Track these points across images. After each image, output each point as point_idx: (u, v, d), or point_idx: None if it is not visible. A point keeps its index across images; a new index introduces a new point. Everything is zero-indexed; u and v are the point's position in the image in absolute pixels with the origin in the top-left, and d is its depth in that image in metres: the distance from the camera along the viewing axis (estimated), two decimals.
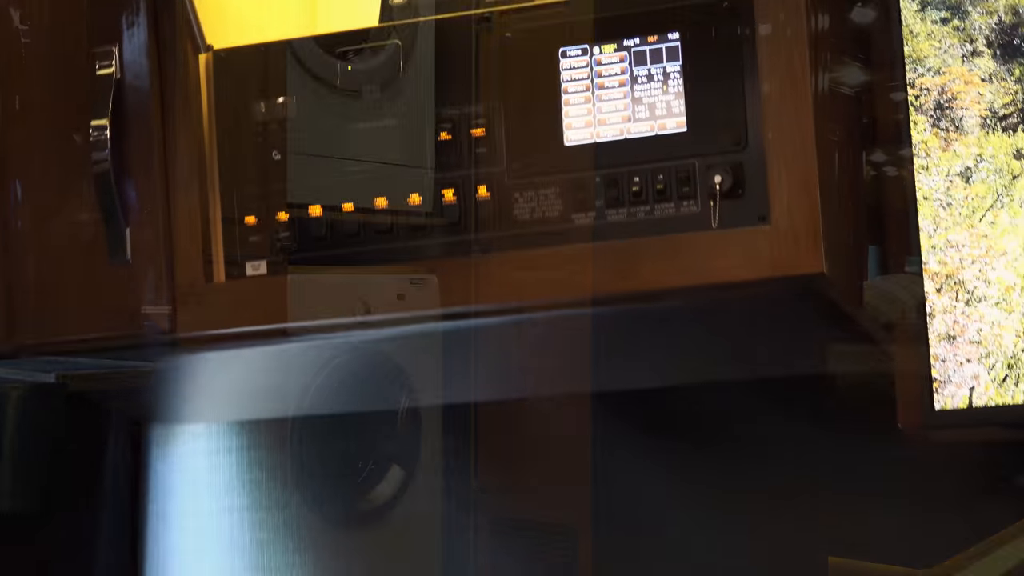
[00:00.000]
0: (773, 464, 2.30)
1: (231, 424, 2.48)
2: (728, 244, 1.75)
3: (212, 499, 2.49)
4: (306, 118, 1.91)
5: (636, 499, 2.34)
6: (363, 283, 1.93)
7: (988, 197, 1.87)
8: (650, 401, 2.32)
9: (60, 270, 1.96)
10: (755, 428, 2.31)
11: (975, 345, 1.90)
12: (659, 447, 2.35)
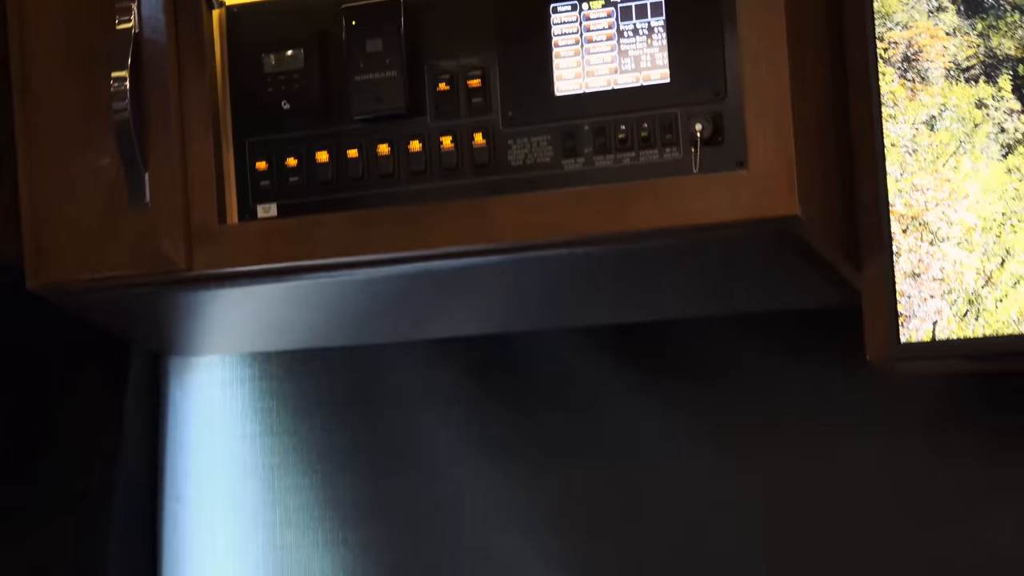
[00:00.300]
0: (755, 395, 2.29)
1: (244, 356, 2.49)
2: (708, 188, 1.74)
3: (226, 426, 2.50)
4: (314, 70, 1.90)
5: (628, 429, 2.34)
6: None
7: (951, 144, 1.87)
8: (638, 336, 2.32)
9: (84, 213, 1.95)
10: (737, 362, 2.30)
11: (938, 282, 1.89)
12: (647, 381, 2.35)
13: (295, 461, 2.48)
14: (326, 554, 2.46)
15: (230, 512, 2.52)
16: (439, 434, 2.42)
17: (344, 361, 2.46)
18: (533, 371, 2.39)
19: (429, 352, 2.42)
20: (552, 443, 2.37)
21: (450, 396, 2.42)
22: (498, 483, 2.39)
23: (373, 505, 2.45)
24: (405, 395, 2.44)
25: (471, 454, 2.40)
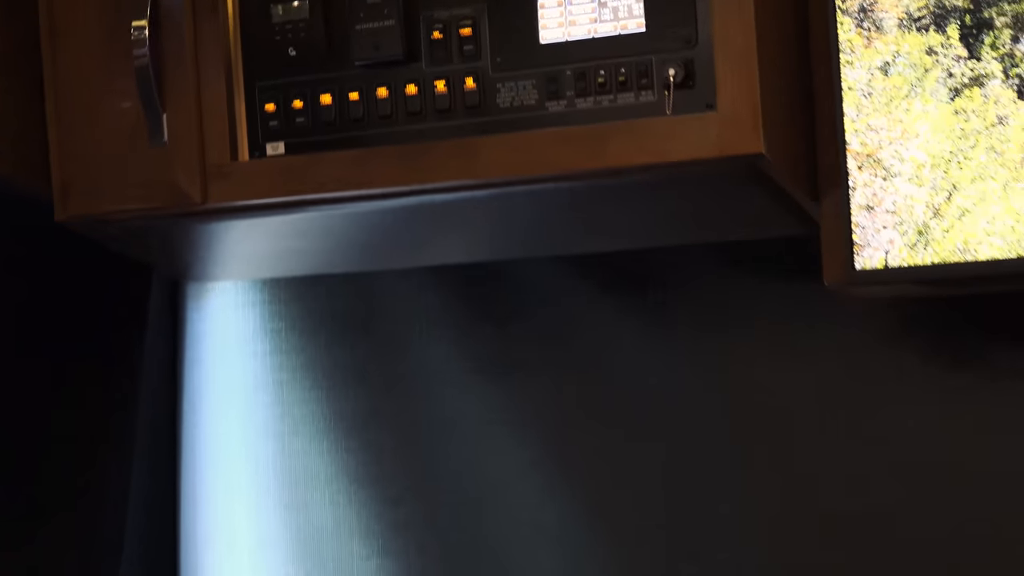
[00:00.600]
0: (724, 316, 2.29)
1: (255, 282, 2.51)
2: (680, 128, 1.76)
3: (239, 345, 2.52)
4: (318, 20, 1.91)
5: (608, 347, 2.34)
6: None
7: (903, 88, 1.88)
8: (617, 263, 2.32)
9: (108, 151, 1.96)
10: (707, 286, 2.30)
11: (890, 214, 1.90)
12: (626, 304, 2.34)
13: (301, 377, 2.49)
14: (330, 460, 2.47)
15: (243, 423, 2.53)
16: (432, 352, 2.42)
17: (346, 286, 2.46)
18: (519, 296, 2.39)
19: (424, 278, 2.42)
20: (537, 361, 2.37)
21: (442, 319, 2.42)
22: (486, 397, 2.40)
23: (373, 416, 2.46)
24: (401, 317, 2.44)
25: (462, 371, 2.41)
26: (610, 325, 2.35)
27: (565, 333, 2.36)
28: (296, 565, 2.50)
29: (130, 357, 2.41)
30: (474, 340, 2.41)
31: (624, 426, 2.34)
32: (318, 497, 2.48)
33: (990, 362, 2.17)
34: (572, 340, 2.36)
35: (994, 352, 2.17)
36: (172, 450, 2.57)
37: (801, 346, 2.26)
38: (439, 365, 2.42)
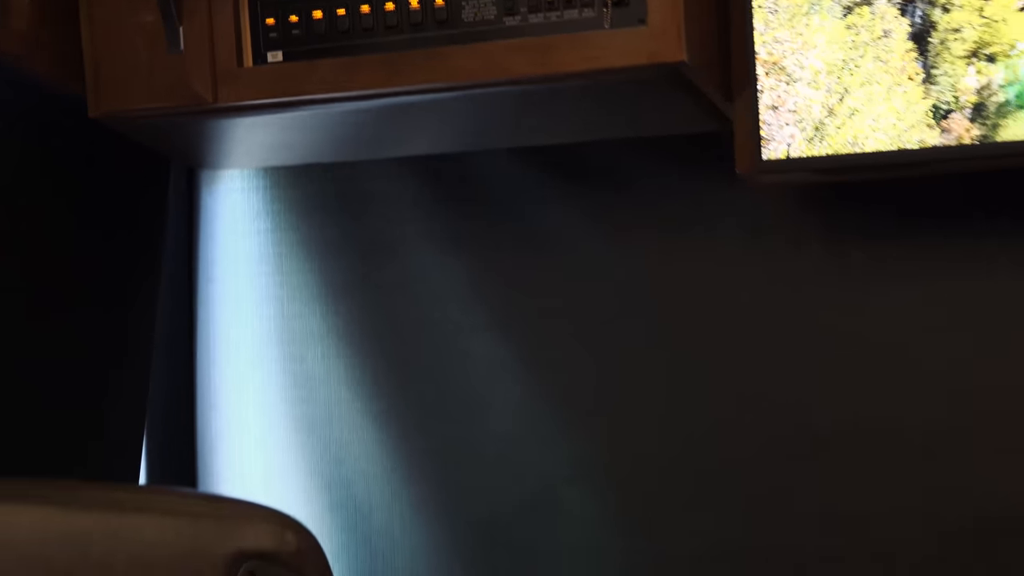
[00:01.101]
0: (652, 202, 2.30)
1: (258, 169, 2.53)
2: (616, 40, 1.79)
3: (245, 224, 2.55)
4: None
5: (554, 229, 2.36)
6: None
7: (804, 5, 1.93)
8: (563, 155, 2.33)
9: (133, 57, 1.98)
10: (637, 175, 2.30)
11: (792, 113, 1.95)
12: (568, 190, 2.36)
13: (298, 251, 2.51)
14: (322, 321, 2.49)
15: (248, 289, 2.55)
16: (408, 229, 2.43)
17: (335, 173, 2.46)
18: (480, 181, 2.39)
19: (401, 167, 2.42)
20: (494, 238, 2.39)
21: (416, 201, 2.43)
22: (451, 267, 2.41)
23: (359, 284, 2.47)
24: (381, 200, 2.44)
25: (432, 245, 2.42)
26: (555, 210, 2.36)
27: (518, 214, 2.37)
28: (293, 406, 2.52)
29: (153, 234, 2.42)
30: (442, 219, 2.41)
31: (563, 296, 2.36)
32: (312, 352, 2.50)
33: (877, 239, 2.18)
34: (522, 219, 2.37)
35: (879, 231, 2.18)
36: (189, 311, 2.60)
37: (715, 224, 2.26)
38: (414, 239, 2.43)
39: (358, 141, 2.34)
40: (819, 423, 2.21)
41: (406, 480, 2.43)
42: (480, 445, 2.40)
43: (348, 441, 2.47)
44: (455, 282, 2.41)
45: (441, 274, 2.42)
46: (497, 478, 2.38)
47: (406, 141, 2.33)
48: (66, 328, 2.24)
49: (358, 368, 2.47)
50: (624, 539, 2.31)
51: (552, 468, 2.35)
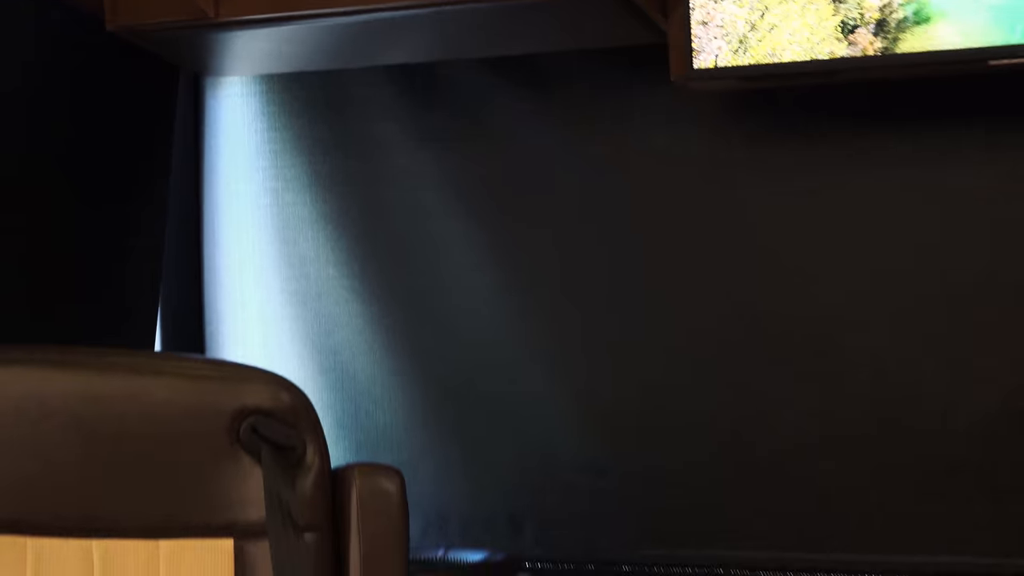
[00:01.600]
0: (601, 104, 2.29)
1: (255, 76, 2.52)
2: None
3: (244, 124, 2.55)
4: None
5: (509, 126, 2.36)
6: None
7: None
8: (519, 65, 2.32)
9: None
10: (585, 82, 2.30)
11: (720, 28, 1.96)
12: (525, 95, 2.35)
13: (290, 148, 2.50)
14: (312, 209, 2.49)
15: (247, 182, 2.55)
16: (387, 127, 2.42)
17: (323, 79, 2.45)
18: (448, 86, 2.38)
19: (381, 74, 2.41)
20: (459, 135, 2.38)
21: (394, 103, 2.41)
22: (425, 163, 2.41)
23: (344, 176, 2.47)
24: (364, 102, 2.43)
25: (407, 143, 2.42)
26: (512, 109, 2.35)
27: (480, 115, 2.36)
28: (287, 283, 2.52)
29: (164, 134, 2.41)
30: (416, 119, 2.40)
31: (519, 185, 2.36)
32: (303, 236, 2.50)
33: (792, 138, 2.19)
34: (487, 120, 2.37)
35: (795, 131, 2.19)
36: (196, 202, 2.60)
37: (651, 124, 2.26)
38: (391, 137, 2.42)
39: (344, 51, 2.32)
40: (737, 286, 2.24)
41: (385, 347, 2.45)
42: (449, 317, 2.41)
43: (335, 314, 2.48)
44: (427, 174, 2.40)
45: (416, 167, 2.41)
46: (464, 346, 2.40)
47: (386, 51, 2.32)
48: (90, 218, 2.24)
49: (344, 250, 2.47)
50: (572, 397, 2.34)
51: (510, 335, 2.37)
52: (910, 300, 2.13)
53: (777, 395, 2.20)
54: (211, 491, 1.73)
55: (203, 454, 1.72)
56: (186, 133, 2.56)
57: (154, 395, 1.74)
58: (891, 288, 2.15)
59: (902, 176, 2.13)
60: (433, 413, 2.42)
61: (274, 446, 1.72)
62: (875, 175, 2.14)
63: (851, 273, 2.18)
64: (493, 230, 2.38)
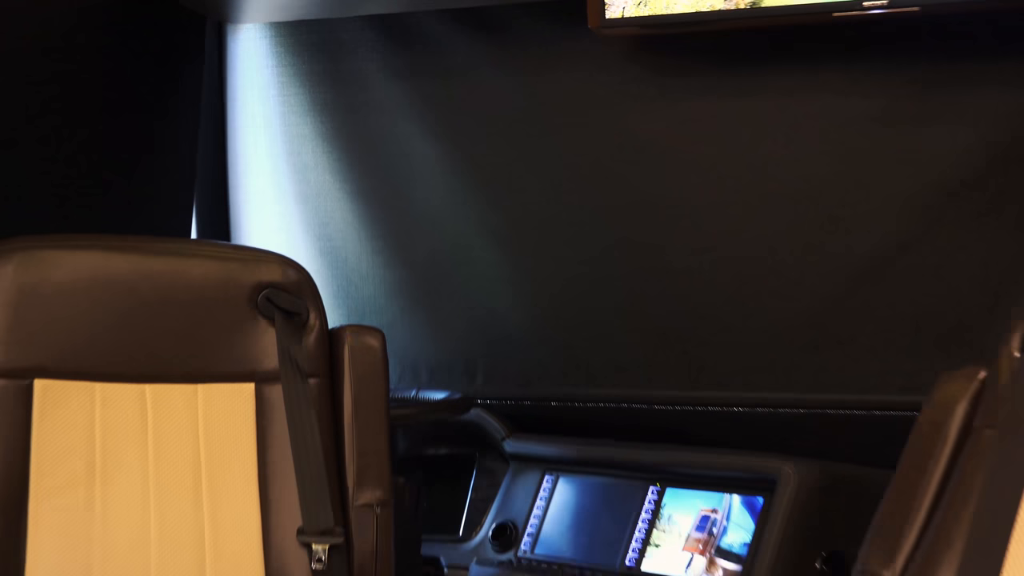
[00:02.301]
0: (529, 47, 2.24)
1: (266, 24, 2.47)
2: None
3: (258, 62, 2.52)
4: None
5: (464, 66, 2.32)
6: None
7: None
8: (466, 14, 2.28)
9: None
10: (520, 24, 2.24)
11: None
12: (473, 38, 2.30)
13: (294, 81, 2.47)
14: (312, 129, 2.45)
15: (261, 109, 2.52)
16: (369, 64, 2.38)
17: (318, 26, 2.41)
18: (419, 32, 2.33)
19: (364, 21, 2.37)
20: (428, 71, 2.34)
21: (375, 44, 2.36)
22: (402, 91, 2.37)
23: (336, 103, 2.43)
24: (349, 44, 2.39)
25: (386, 74, 2.38)
26: (467, 48, 2.30)
27: (445, 54, 2.32)
28: (293, 186, 2.50)
29: (196, 70, 2.38)
30: (393, 58, 2.36)
31: (473, 113, 2.32)
32: (305, 149, 2.47)
33: (683, 73, 2.15)
34: (449, 59, 2.32)
35: (686, 68, 2.15)
36: (222, 123, 2.58)
37: (574, 63, 2.21)
38: (371, 72, 2.38)
39: (336, 3, 2.31)
40: (646, 191, 2.20)
41: (369, 235, 2.44)
42: (419, 211, 2.40)
43: (331, 210, 2.47)
44: (399, 101, 2.37)
45: (390, 95, 2.37)
46: (428, 234, 2.39)
47: (368, 4, 2.30)
48: (139, 135, 2.24)
49: (337, 161, 2.45)
50: (512, 275, 2.34)
51: (466, 227, 2.36)
52: (765, 199, 2.11)
53: (665, 272, 2.19)
54: (236, 346, 1.75)
55: (230, 318, 1.75)
56: (212, 68, 2.52)
57: (191, 272, 1.76)
58: (752, 188, 2.12)
59: (766, 105, 2.10)
60: (407, 286, 2.42)
61: (284, 312, 1.76)
62: (746, 104, 2.12)
63: (719, 174, 2.14)
64: (451, 145, 2.34)
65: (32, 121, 2.00)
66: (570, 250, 2.26)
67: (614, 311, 2.23)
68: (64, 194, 2.09)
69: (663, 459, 2.11)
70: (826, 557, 1.91)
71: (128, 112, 2.21)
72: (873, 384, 2.02)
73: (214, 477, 1.71)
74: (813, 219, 2.07)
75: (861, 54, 2.01)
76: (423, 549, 2.23)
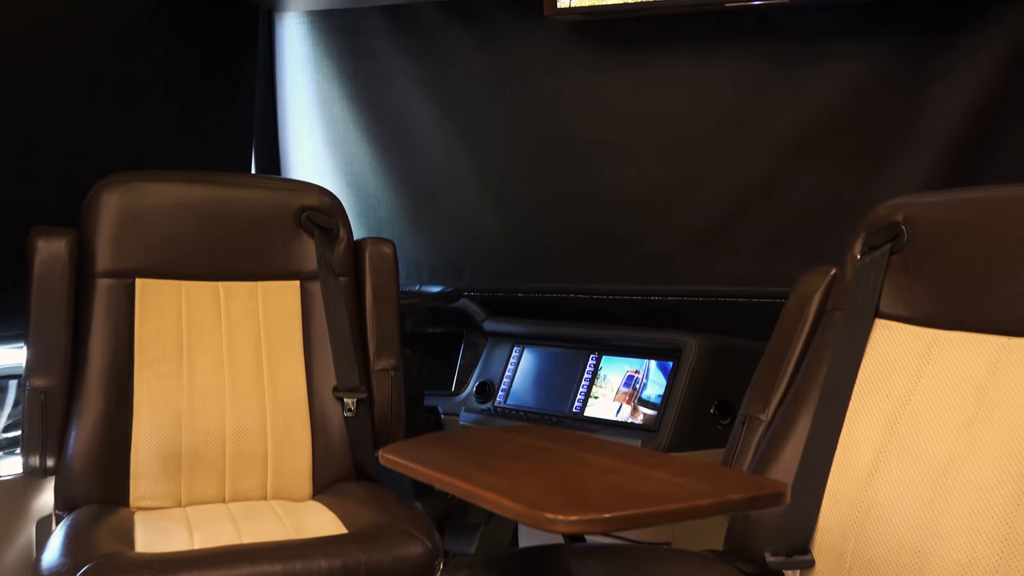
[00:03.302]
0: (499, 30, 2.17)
1: (303, 12, 2.39)
2: None
3: (298, 42, 2.43)
4: None
5: (449, 47, 2.24)
6: None
7: None
8: (454, 7, 2.21)
9: None
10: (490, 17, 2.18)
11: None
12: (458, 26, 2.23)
13: (325, 57, 2.40)
14: (339, 91, 2.39)
15: (302, 80, 2.45)
16: (380, 44, 2.33)
17: (344, 14, 2.35)
18: (418, 20, 2.26)
19: (378, 11, 2.30)
20: (426, 50, 2.27)
21: (387, 29, 2.30)
22: (404, 63, 2.31)
23: (357, 71, 2.36)
24: (367, 28, 2.33)
25: (394, 53, 2.32)
26: (453, 33, 2.24)
27: (437, 37, 2.25)
28: (325, 133, 2.43)
29: (251, 43, 2.32)
30: (398, 40, 2.30)
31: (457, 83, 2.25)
32: (334, 107, 2.41)
33: (620, 50, 2.08)
34: (441, 40, 2.25)
35: (622, 47, 2.07)
36: (272, 88, 2.51)
37: (533, 44, 2.15)
38: (384, 49, 2.33)
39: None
40: (585, 138, 2.16)
41: (383, 170, 2.40)
42: (419, 154, 2.35)
43: (354, 152, 2.42)
44: (404, 71, 2.32)
45: (397, 67, 2.32)
46: (428, 172, 2.35)
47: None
48: (212, 100, 2.20)
49: (358, 116, 2.40)
50: (493, 199, 2.29)
51: (456, 165, 2.31)
52: (668, 144, 2.07)
53: (597, 198, 2.16)
54: (285, 254, 1.74)
55: (280, 233, 1.74)
56: (264, 47, 2.46)
57: (251, 198, 1.75)
58: (658, 136, 2.08)
59: (667, 74, 2.06)
60: (411, 209, 2.39)
61: (321, 228, 1.75)
62: (652, 73, 2.07)
63: (632, 125, 2.10)
64: (441, 105, 2.29)
65: (131, 89, 1.97)
66: (527, 183, 2.24)
67: (561, 227, 2.22)
68: (154, 140, 2.05)
69: (599, 335, 2.11)
70: (718, 404, 1.93)
71: (204, 83, 2.17)
72: (753, 279, 2.03)
73: (271, 350, 1.71)
74: (705, 159, 2.05)
75: (734, 35, 1.97)
76: (425, 401, 2.24)
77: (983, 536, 1.03)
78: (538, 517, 0.88)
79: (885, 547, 1.10)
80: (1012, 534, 1.02)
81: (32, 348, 1.58)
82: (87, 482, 1.55)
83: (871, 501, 1.14)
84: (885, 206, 1.31)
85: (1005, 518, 1.03)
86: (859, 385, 1.24)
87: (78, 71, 1.83)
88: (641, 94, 2.09)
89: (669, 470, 1.03)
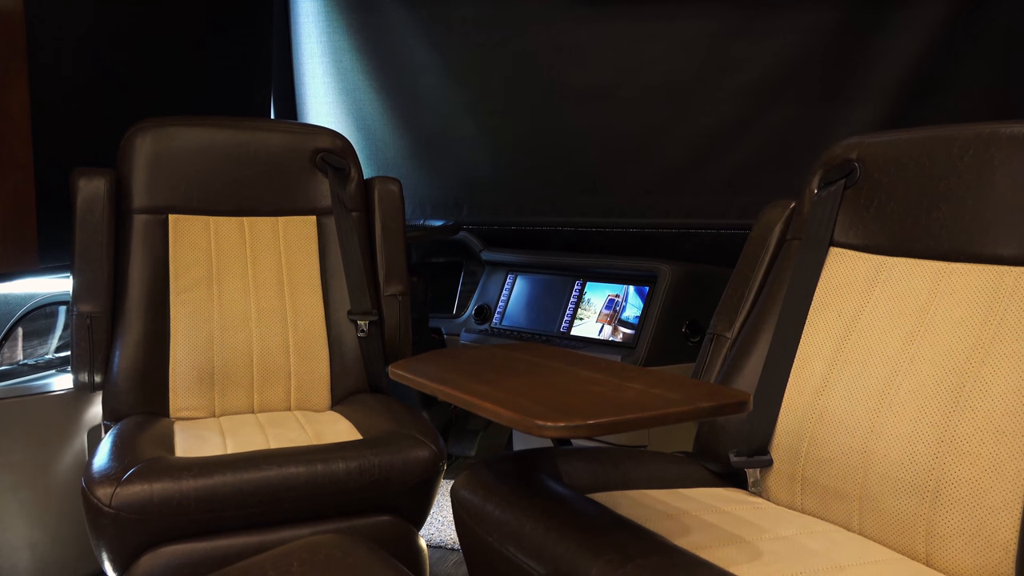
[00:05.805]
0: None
1: None
2: None
3: (312, 6, 2.36)
4: None
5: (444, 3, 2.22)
6: None
7: None
8: None
9: None
10: None
11: None
12: None
13: (335, 11, 2.35)
14: (349, 44, 2.36)
15: (314, 28, 2.39)
16: (392, 5, 2.28)
17: None
18: None
19: None
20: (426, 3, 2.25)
21: None
22: (407, 15, 2.26)
23: (365, 24, 2.32)
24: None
25: (397, 7, 2.28)
26: None
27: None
28: (336, 82, 2.41)
29: (267, 8, 2.28)
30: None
31: (456, 31, 2.22)
32: (344, 60, 2.38)
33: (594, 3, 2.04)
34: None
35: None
36: (288, 42, 2.46)
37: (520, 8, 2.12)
38: (388, 4, 2.29)
39: None
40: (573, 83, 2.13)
41: (389, 115, 2.37)
42: (424, 97, 2.32)
43: (363, 99, 2.40)
44: (409, 25, 2.28)
45: (402, 20, 2.29)
46: (429, 114, 2.32)
47: None
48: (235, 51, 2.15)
49: (366, 65, 2.37)
50: (489, 140, 2.27)
51: (455, 108, 2.28)
52: (647, 89, 2.05)
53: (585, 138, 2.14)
54: (302, 191, 1.73)
55: (298, 172, 1.72)
56: (278, 5, 2.41)
57: (271, 141, 1.72)
58: (637, 80, 2.06)
59: (648, 24, 2.03)
60: (415, 150, 2.37)
61: (334, 168, 1.73)
62: (634, 23, 2.03)
63: (616, 70, 2.08)
64: (443, 51, 2.26)
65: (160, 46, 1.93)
66: (521, 124, 2.21)
67: (552, 166, 2.20)
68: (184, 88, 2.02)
69: (584, 263, 2.11)
70: (688, 324, 1.94)
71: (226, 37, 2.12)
72: (721, 212, 2.02)
73: (291, 278, 1.71)
74: (678, 102, 2.03)
75: None
76: (430, 323, 2.25)
77: (922, 438, 1.04)
78: (529, 424, 0.89)
79: (835, 448, 1.11)
80: (947, 436, 1.03)
81: (77, 277, 1.57)
82: (131, 396, 1.56)
83: (823, 408, 1.15)
84: (840, 145, 1.30)
85: (941, 422, 1.04)
86: (814, 306, 1.24)
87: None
88: (619, 43, 2.05)
89: (645, 382, 1.04)
